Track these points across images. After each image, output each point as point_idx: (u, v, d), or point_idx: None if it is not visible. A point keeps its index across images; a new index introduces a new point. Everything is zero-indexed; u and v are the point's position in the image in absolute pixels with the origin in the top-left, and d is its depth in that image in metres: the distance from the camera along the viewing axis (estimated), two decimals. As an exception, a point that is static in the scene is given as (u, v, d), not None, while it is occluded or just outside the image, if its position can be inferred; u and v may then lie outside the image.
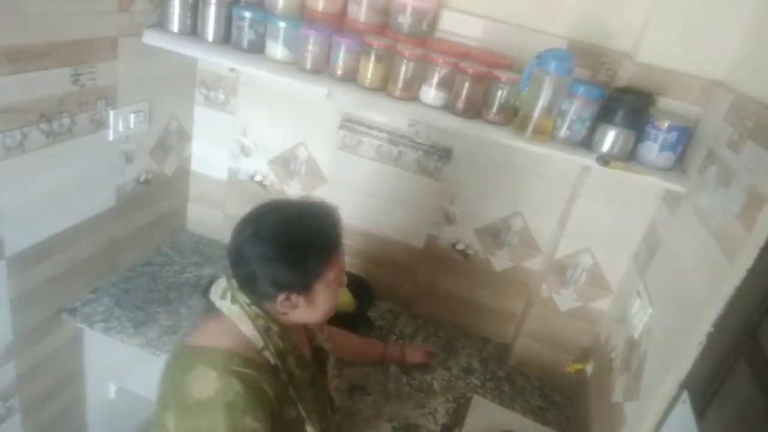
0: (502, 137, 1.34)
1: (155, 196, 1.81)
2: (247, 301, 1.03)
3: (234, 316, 1.02)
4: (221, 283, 1.07)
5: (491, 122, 1.39)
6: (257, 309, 1.03)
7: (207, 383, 0.93)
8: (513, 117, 1.38)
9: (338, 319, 1.56)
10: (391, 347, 1.60)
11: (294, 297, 1.02)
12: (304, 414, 1.05)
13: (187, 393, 0.94)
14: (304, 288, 1.02)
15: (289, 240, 1.01)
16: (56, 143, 1.33)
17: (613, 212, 1.49)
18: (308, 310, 1.06)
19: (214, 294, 1.06)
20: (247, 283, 1.03)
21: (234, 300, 1.03)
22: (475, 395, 1.54)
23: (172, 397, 0.97)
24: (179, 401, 0.95)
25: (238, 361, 0.96)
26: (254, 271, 1.00)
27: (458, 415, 1.47)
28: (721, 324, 0.94)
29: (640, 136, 1.33)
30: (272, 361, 1.01)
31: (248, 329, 1.01)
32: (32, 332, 1.44)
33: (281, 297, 1.01)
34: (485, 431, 1.42)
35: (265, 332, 1.02)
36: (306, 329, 1.19)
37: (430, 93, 1.39)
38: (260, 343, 1.01)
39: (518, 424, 1.47)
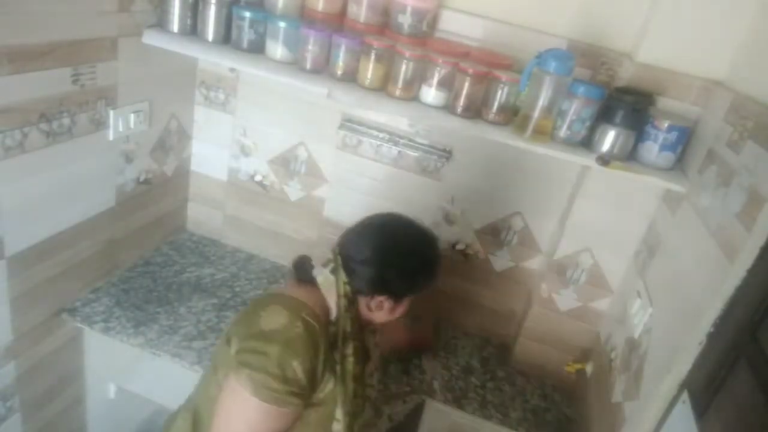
0: (502, 137, 1.34)
1: (155, 196, 1.81)
2: (345, 279, 1.09)
3: (326, 284, 1.10)
4: (327, 254, 1.14)
5: (491, 122, 1.39)
6: (349, 290, 1.09)
7: (277, 318, 1.01)
8: (513, 117, 1.38)
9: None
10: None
11: (387, 303, 1.12)
12: (340, 394, 1.08)
13: (255, 323, 1.02)
14: (399, 298, 1.13)
15: (417, 255, 1.14)
16: (56, 143, 1.33)
17: (613, 212, 1.49)
18: (386, 315, 1.15)
19: (317, 262, 1.14)
20: (356, 266, 1.10)
21: (334, 271, 1.10)
22: (428, 399, 1.52)
23: (241, 326, 1.04)
24: (246, 329, 1.02)
25: (309, 312, 1.05)
26: (370, 262, 1.09)
27: (411, 419, 1.46)
28: (721, 324, 0.94)
29: (640, 136, 1.33)
30: (332, 337, 1.08)
31: (332, 300, 1.09)
32: (32, 332, 1.44)
33: (379, 298, 1.11)
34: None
35: (344, 311, 1.08)
36: (363, 328, 1.21)
37: (430, 93, 1.39)
38: (333, 316, 1.08)
39: (472, 426, 1.47)
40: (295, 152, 1.84)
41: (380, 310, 1.13)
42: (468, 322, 1.87)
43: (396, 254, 1.11)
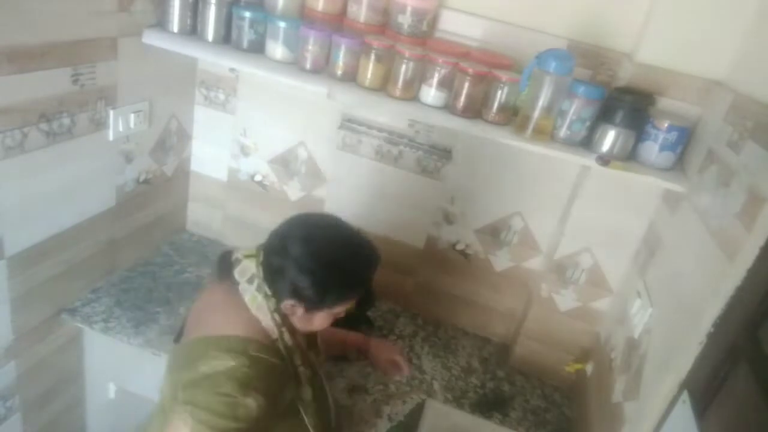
0: (502, 137, 1.34)
1: (155, 196, 1.81)
2: (268, 293, 1.04)
3: (255, 305, 1.04)
4: (250, 267, 1.07)
5: (491, 122, 1.39)
6: (275, 303, 1.05)
7: (218, 363, 0.95)
8: (513, 117, 1.39)
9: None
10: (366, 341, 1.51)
11: (299, 309, 1.04)
12: (302, 409, 1.07)
13: (196, 374, 0.95)
14: (311, 308, 1.05)
15: (330, 265, 1.03)
16: (56, 143, 1.33)
17: (613, 212, 1.49)
18: (302, 323, 1.08)
19: (241, 275, 1.06)
20: (273, 272, 1.04)
21: (260, 288, 1.04)
22: (428, 399, 1.52)
23: (183, 372, 0.98)
24: (189, 375, 0.96)
25: (255, 346, 0.99)
26: (286, 269, 1.02)
27: (412, 418, 1.46)
28: (721, 324, 0.94)
29: (640, 136, 1.33)
30: (282, 353, 1.03)
31: (266, 320, 1.03)
32: (32, 332, 1.44)
33: (289, 302, 1.03)
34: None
35: (279, 326, 1.04)
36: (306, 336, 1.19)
37: (430, 93, 1.39)
38: (275, 335, 1.03)
39: (472, 426, 1.47)
40: (295, 152, 1.83)
41: (294, 316, 1.06)
42: (468, 322, 1.87)
43: (312, 265, 1.02)
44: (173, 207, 1.95)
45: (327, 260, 1.03)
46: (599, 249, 1.55)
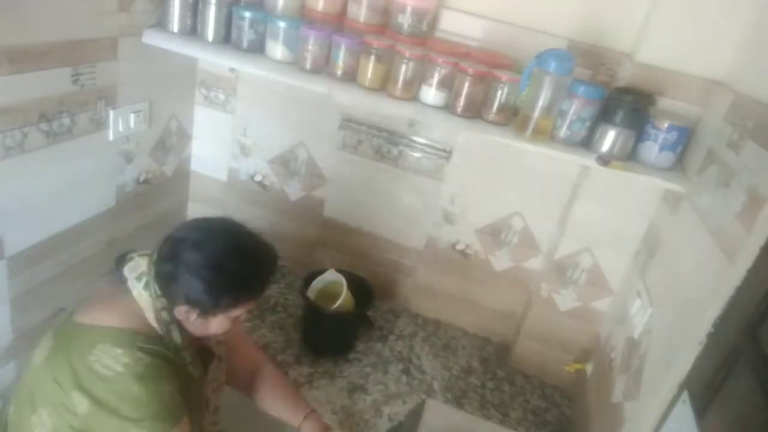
0: (502, 137, 1.34)
1: (155, 196, 1.81)
2: (158, 293, 1.02)
3: (142, 301, 1.01)
4: (141, 264, 1.05)
5: (491, 122, 1.39)
6: (165, 303, 1.02)
7: (112, 361, 0.93)
8: (513, 117, 1.39)
9: (339, 319, 1.57)
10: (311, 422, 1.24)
11: (192, 314, 1.01)
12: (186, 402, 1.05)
13: (92, 374, 0.93)
14: (205, 313, 1.02)
15: (222, 270, 1.00)
16: (56, 143, 1.33)
17: (613, 212, 1.49)
18: (197, 327, 1.05)
19: (131, 271, 1.04)
20: (163, 277, 1.01)
21: (147, 286, 1.02)
22: (428, 399, 1.50)
23: (76, 379, 0.94)
24: (87, 383, 0.93)
25: (143, 339, 0.98)
26: (177, 273, 0.99)
27: (412, 418, 1.46)
28: (721, 324, 0.94)
29: (640, 136, 1.33)
30: (168, 353, 1.02)
31: (151, 317, 1.01)
32: (32, 332, 1.44)
33: (182, 308, 1.01)
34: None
35: (166, 326, 1.02)
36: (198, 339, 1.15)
37: (430, 93, 1.39)
38: (162, 331, 1.02)
39: (472, 426, 1.47)
40: (295, 152, 1.83)
41: (188, 321, 1.03)
42: (468, 322, 1.87)
43: (203, 270, 0.99)
44: (173, 207, 1.95)
45: (219, 265, 1.00)
46: (599, 249, 1.55)
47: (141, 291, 1.02)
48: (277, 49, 1.45)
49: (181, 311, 1.01)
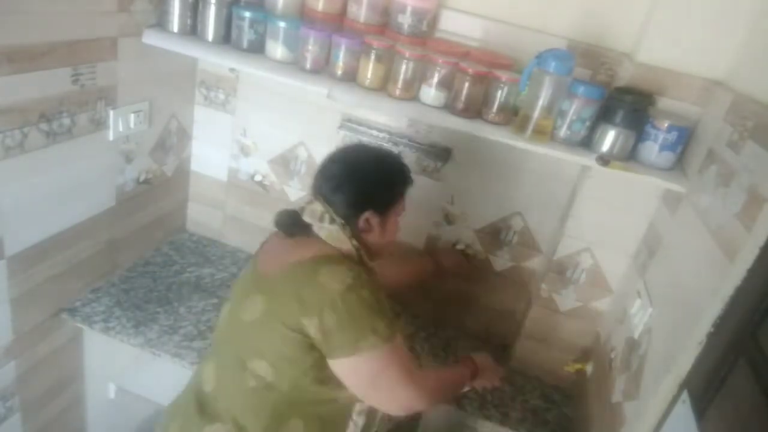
0: (502, 137, 1.34)
1: (155, 196, 1.81)
2: (343, 222, 1.11)
3: (333, 237, 1.11)
4: (316, 208, 1.13)
5: (491, 122, 1.39)
6: (351, 231, 1.12)
7: (342, 275, 1.04)
8: (513, 117, 1.38)
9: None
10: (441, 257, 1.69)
11: (373, 219, 1.13)
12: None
13: (324, 295, 1.02)
14: (382, 209, 1.15)
15: (384, 164, 1.19)
16: (56, 143, 1.33)
17: (613, 212, 1.49)
18: (380, 235, 1.17)
19: (311, 217, 1.13)
20: (342, 194, 1.12)
21: (332, 221, 1.11)
22: None
23: (308, 303, 1.02)
24: (318, 299, 1.02)
25: (351, 260, 1.10)
26: (352, 183, 1.12)
27: (412, 418, 1.46)
28: (721, 324, 0.94)
29: (640, 136, 1.33)
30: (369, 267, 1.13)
31: (346, 246, 1.11)
32: (32, 332, 1.45)
33: (364, 216, 1.12)
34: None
35: (357, 251, 1.12)
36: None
37: (430, 93, 1.39)
38: (356, 259, 1.12)
39: (472, 426, 1.47)
40: (295, 152, 1.83)
41: (371, 231, 1.15)
42: (468, 322, 1.87)
43: (364, 166, 1.16)
44: (173, 207, 1.95)
45: (381, 161, 1.18)
46: (599, 249, 1.55)
47: (328, 227, 1.11)
48: (277, 49, 1.45)
49: (363, 220, 1.13)
